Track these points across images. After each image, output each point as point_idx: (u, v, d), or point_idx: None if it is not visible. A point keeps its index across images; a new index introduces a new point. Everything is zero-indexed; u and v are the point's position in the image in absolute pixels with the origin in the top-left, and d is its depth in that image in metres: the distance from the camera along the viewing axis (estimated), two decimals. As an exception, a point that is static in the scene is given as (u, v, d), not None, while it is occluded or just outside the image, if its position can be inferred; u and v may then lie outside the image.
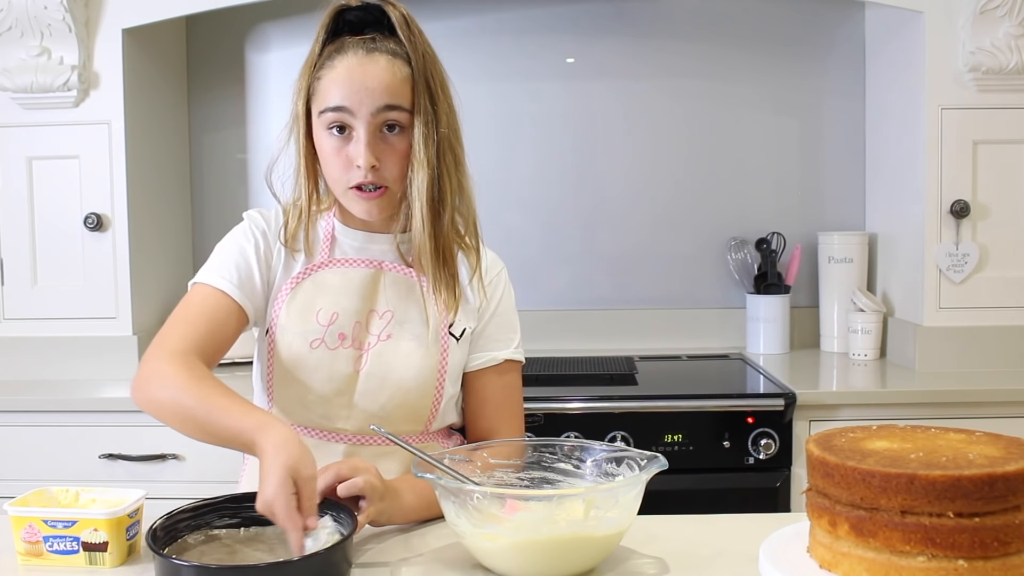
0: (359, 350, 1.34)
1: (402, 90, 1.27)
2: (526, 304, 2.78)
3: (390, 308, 1.36)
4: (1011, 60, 2.31)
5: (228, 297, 1.32)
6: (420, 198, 1.29)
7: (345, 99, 1.26)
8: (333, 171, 1.31)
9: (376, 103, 1.26)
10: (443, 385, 1.36)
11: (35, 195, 2.43)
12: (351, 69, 1.26)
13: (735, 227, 2.83)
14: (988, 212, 2.40)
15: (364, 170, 1.27)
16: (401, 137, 1.29)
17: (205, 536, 1.14)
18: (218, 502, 1.17)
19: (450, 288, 1.35)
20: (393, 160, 1.29)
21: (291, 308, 1.35)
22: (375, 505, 1.17)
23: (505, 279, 1.47)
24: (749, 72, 2.82)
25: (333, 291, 1.36)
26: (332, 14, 1.30)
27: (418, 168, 1.28)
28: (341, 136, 1.28)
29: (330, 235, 1.39)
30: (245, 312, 1.34)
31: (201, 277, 1.34)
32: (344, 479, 1.16)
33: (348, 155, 1.28)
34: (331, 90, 1.27)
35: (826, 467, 0.94)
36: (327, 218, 1.41)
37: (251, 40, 2.85)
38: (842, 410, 2.18)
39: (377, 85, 1.26)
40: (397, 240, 1.37)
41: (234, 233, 1.40)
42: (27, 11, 2.31)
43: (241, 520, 1.16)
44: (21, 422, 2.21)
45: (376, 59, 1.27)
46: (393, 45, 1.29)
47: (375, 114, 1.26)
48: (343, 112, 1.27)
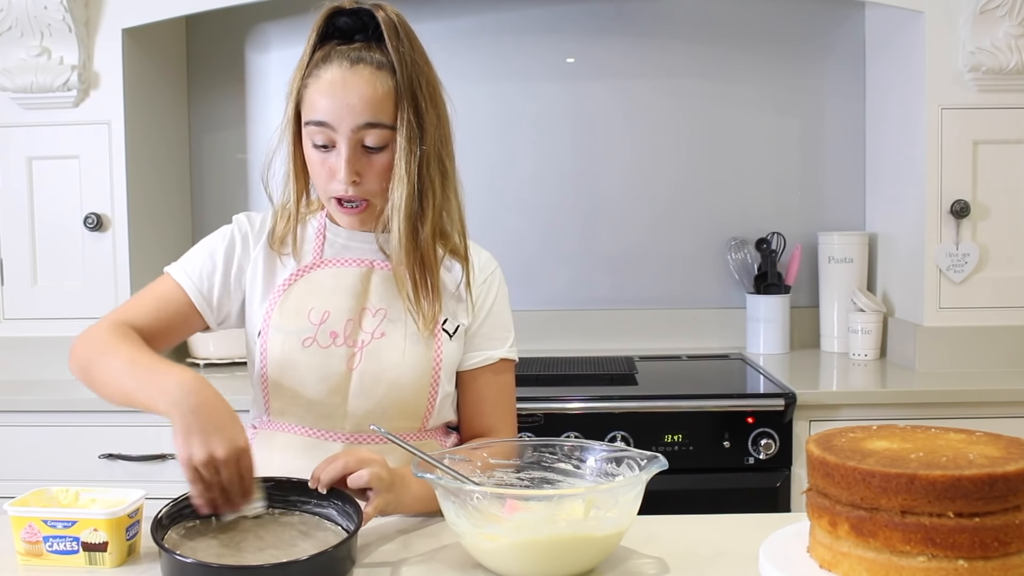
0: (352, 348, 1.34)
1: (384, 105, 1.27)
2: (526, 304, 2.81)
3: (383, 305, 1.36)
4: (1011, 60, 2.31)
5: (186, 296, 1.36)
6: (398, 212, 1.30)
7: (327, 115, 1.27)
8: (318, 180, 1.33)
9: (356, 120, 1.26)
10: (438, 381, 1.36)
11: (35, 195, 2.43)
12: (334, 83, 1.27)
13: (735, 227, 2.83)
14: (988, 212, 2.40)
15: (345, 185, 1.29)
16: (383, 153, 1.30)
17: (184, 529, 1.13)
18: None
19: (429, 298, 1.35)
20: (373, 175, 1.30)
21: (283, 309, 1.36)
22: (382, 496, 1.18)
23: (499, 278, 1.47)
24: (749, 72, 2.82)
25: (325, 290, 1.36)
26: (324, 17, 1.30)
27: (397, 183, 1.29)
28: (325, 148, 1.29)
29: (321, 234, 1.40)
30: (200, 314, 1.37)
31: (171, 268, 1.39)
32: (351, 471, 1.16)
33: (331, 166, 1.30)
34: (315, 103, 1.28)
35: (826, 467, 0.94)
36: (319, 217, 1.42)
37: (251, 40, 2.85)
38: (842, 410, 2.18)
39: (358, 101, 1.26)
40: (379, 241, 1.38)
41: (215, 233, 1.42)
42: (27, 11, 2.31)
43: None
44: (21, 422, 2.21)
45: (360, 72, 1.27)
46: (379, 55, 1.28)
47: (355, 131, 1.27)
48: (325, 127, 1.28)
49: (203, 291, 1.37)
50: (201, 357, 2.58)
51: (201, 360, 2.58)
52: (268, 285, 1.38)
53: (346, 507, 1.14)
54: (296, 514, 1.18)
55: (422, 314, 1.35)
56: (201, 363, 2.57)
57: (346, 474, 1.16)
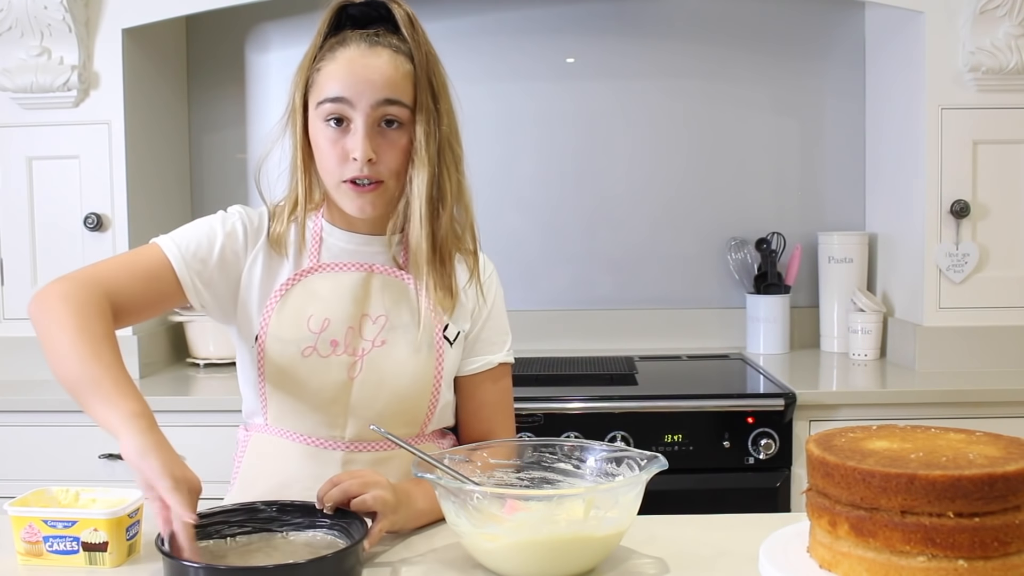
0: (353, 356, 1.31)
1: (403, 85, 1.25)
2: (527, 304, 2.82)
3: (383, 312, 1.33)
4: (1011, 60, 2.31)
5: (174, 273, 1.28)
6: (419, 197, 1.27)
7: (345, 90, 1.24)
8: (328, 163, 1.27)
9: (376, 96, 1.24)
10: (439, 390, 1.34)
11: (35, 195, 2.43)
12: (352, 60, 1.24)
13: (735, 227, 2.83)
14: (988, 212, 2.40)
15: (361, 163, 1.24)
16: (400, 132, 1.26)
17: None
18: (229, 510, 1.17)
19: (447, 291, 1.33)
20: (391, 155, 1.26)
21: (281, 316, 1.31)
22: (388, 519, 1.16)
23: (496, 281, 1.44)
24: (749, 72, 2.82)
25: (324, 297, 1.32)
26: (335, 9, 1.28)
27: (419, 166, 1.26)
28: (339, 128, 1.25)
29: (318, 236, 1.35)
30: (184, 292, 1.29)
31: (161, 240, 1.30)
32: (354, 495, 1.15)
33: (345, 148, 1.25)
34: (331, 81, 1.25)
35: (826, 467, 0.94)
36: (315, 219, 1.37)
37: (251, 40, 2.85)
38: (842, 410, 2.18)
39: (378, 78, 1.24)
40: (391, 241, 1.33)
41: (214, 217, 1.34)
42: (27, 11, 2.31)
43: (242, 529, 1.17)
44: (21, 422, 2.21)
45: (379, 52, 1.25)
46: (396, 41, 1.27)
47: (375, 107, 1.24)
48: (342, 103, 1.24)
49: (193, 271, 1.28)
50: (201, 357, 2.58)
51: (201, 360, 2.58)
52: (266, 287, 1.33)
53: (352, 525, 1.13)
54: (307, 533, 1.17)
55: (440, 304, 1.32)
56: (201, 363, 2.58)
57: (348, 499, 1.14)
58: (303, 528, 1.17)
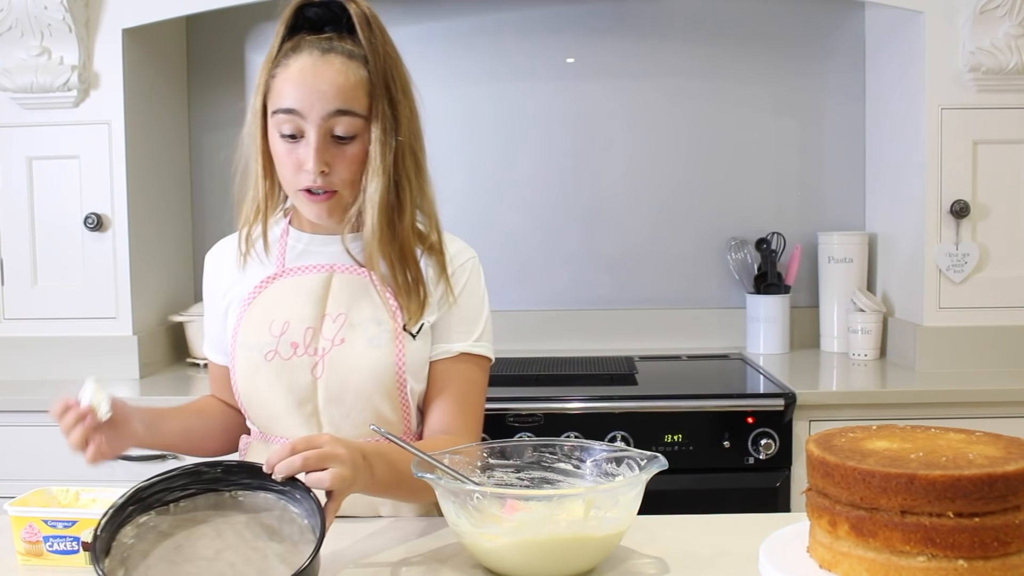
0: (314, 356, 1.31)
1: (356, 94, 1.25)
2: (526, 304, 2.82)
3: (342, 310, 1.33)
4: (1011, 60, 2.31)
5: (226, 368, 1.42)
6: (373, 206, 1.27)
7: (296, 102, 1.24)
8: (285, 172, 1.29)
9: (327, 107, 1.24)
10: (404, 383, 1.32)
11: (35, 195, 2.43)
12: (303, 71, 1.24)
13: (735, 227, 2.83)
14: (988, 212, 2.40)
15: (313, 174, 1.25)
16: (354, 142, 1.27)
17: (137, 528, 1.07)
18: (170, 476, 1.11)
19: (414, 293, 1.32)
20: (343, 165, 1.27)
21: (247, 324, 1.34)
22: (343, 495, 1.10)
23: (471, 269, 1.40)
24: (749, 72, 2.82)
25: (285, 301, 1.34)
26: (293, 9, 1.28)
27: (373, 175, 1.27)
28: (293, 138, 1.26)
29: (283, 240, 1.38)
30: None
31: (206, 351, 1.50)
32: (311, 469, 1.07)
33: (298, 157, 1.26)
34: (283, 91, 1.25)
35: (826, 467, 0.94)
36: (281, 223, 1.40)
37: (251, 40, 2.85)
38: (842, 410, 2.18)
39: (329, 88, 1.23)
40: (346, 241, 1.34)
41: (204, 287, 1.48)
42: (27, 11, 2.31)
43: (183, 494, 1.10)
44: (21, 422, 2.21)
45: (331, 60, 1.25)
46: (351, 46, 1.26)
47: (326, 118, 1.24)
48: (294, 115, 1.25)
49: (223, 352, 1.44)
50: (201, 357, 2.58)
51: (201, 360, 2.58)
52: (240, 298, 1.38)
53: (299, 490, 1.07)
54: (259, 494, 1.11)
55: (407, 310, 1.31)
56: (201, 363, 2.58)
57: (304, 471, 1.07)
58: (253, 488, 1.11)
